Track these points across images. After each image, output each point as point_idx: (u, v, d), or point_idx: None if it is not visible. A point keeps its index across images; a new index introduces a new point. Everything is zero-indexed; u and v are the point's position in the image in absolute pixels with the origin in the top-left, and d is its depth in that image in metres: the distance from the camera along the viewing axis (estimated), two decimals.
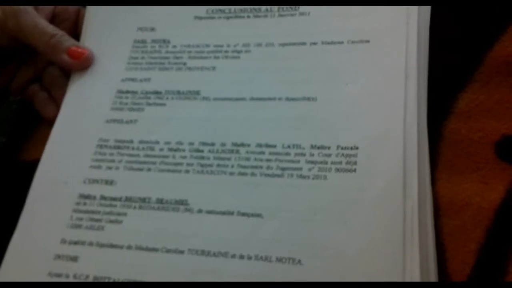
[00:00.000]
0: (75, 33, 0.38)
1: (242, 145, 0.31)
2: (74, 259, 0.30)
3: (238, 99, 0.33)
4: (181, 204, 0.30)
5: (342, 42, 0.33)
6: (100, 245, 0.30)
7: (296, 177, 0.29)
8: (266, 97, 0.32)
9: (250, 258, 0.28)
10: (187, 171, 0.31)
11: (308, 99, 0.31)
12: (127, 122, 0.34)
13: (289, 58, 0.33)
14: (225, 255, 0.28)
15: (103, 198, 0.31)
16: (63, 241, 0.30)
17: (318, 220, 0.28)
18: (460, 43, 0.32)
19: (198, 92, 0.34)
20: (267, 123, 0.31)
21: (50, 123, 0.35)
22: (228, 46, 0.35)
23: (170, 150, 0.32)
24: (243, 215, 0.29)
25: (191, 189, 0.30)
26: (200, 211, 0.30)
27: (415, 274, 0.25)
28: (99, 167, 0.32)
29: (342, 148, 0.29)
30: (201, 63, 0.35)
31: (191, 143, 0.32)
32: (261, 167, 0.30)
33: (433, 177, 0.28)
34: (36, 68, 0.38)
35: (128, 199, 0.31)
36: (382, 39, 0.32)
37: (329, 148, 0.29)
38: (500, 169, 0.28)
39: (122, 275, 0.29)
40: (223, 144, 0.31)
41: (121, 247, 0.29)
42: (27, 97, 0.38)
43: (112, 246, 0.30)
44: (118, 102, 0.35)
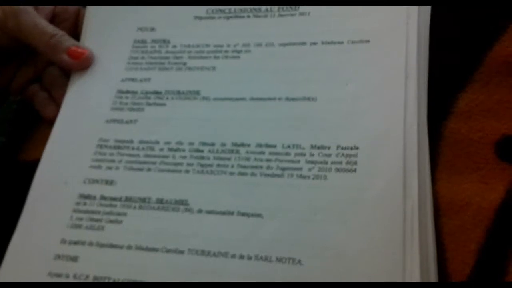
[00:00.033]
0: (75, 33, 0.38)
1: (242, 145, 0.31)
2: (74, 259, 0.30)
3: (238, 99, 0.33)
4: (181, 204, 0.30)
5: (342, 42, 0.33)
6: (100, 245, 0.30)
7: (296, 177, 0.29)
8: (266, 97, 0.32)
9: (250, 258, 0.28)
10: (187, 171, 0.31)
11: (308, 99, 0.31)
12: (127, 122, 0.34)
13: (289, 58, 0.33)
14: (225, 255, 0.28)
15: (103, 198, 0.31)
16: (63, 241, 0.30)
17: (318, 220, 0.28)
18: (460, 43, 0.32)
19: (198, 92, 0.34)
20: (267, 123, 0.31)
21: (50, 123, 0.35)
22: (228, 46, 0.35)
23: (170, 150, 0.32)
24: (243, 215, 0.29)
25: (191, 189, 0.30)
26: (200, 211, 0.30)
27: (415, 274, 0.25)
28: (99, 167, 0.32)
29: (342, 148, 0.29)
30: (201, 63, 0.35)
31: (191, 143, 0.32)
32: (261, 167, 0.30)
33: (433, 177, 0.28)
34: (36, 68, 0.38)
35: (128, 199, 0.31)
36: (382, 39, 0.32)
37: (329, 148, 0.29)
38: (500, 169, 0.28)
39: (122, 275, 0.29)
40: (223, 144, 0.31)
41: (121, 247, 0.29)
42: (27, 97, 0.38)
43: (112, 246, 0.30)
44: (118, 102, 0.35)
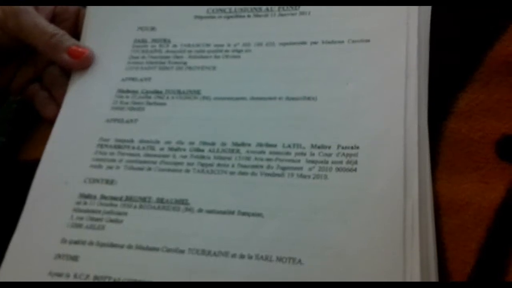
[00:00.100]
0: (75, 33, 0.38)
1: (243, 144, 0.31)
2: (75, 258, 0.30)
3: (238, 99, 0.33)
4: (181, 203, 0.30)
5: (342, 42, 0.33)
6: (101, 244, 0.30)
7: (296, 176, 0.29)
8: (267, 96, 0.32)
9: (250, 257, 0.28)
10: (188, 171, 0.31)
11: (309, 98, 0.31)
12: (127, 122, 0.34)
13: (289, 58, 0.33)
14: (225, 254, 0.28)
15: (104, 197, 0.31)
16: (63, 240, 0.30)
17: (318, 220, 0.28)
18: (460, 43, 0.32)
19: (198, 92, 0.34)
20: (268, 122, 0.31)
21: (50, 123, 0.35)
22: (228, 45, 0.35)
23: (171, 149, 0.32)
24: (244, 214, 0.29)
25: (192, 188, 0.30)
26: (200, 211, 0.30)
27: (415, 274, 0.25)
28: (100, 167, 0.32)
29: (343, 148, 0.29)
30: (201, 62, 0.35)
31: (192, 143, 0.32)
32: (261, 167, 0.30)
33: (433, 176, 0.28)
34: (36, 68, 0.38)
35: (128, 198, 0.31)
36: (382, 39, 0.32)
37: (329, 147, 0.29)
38: (501, 168, 0.28)
39: (122, 274, 0.29)
40: (224, 144, 0.31)
41: (121, 246, 0.29)
42: (27, 97, 0.38)
43: (113, 245, 0.30)
44: (119, 101, 0.35)
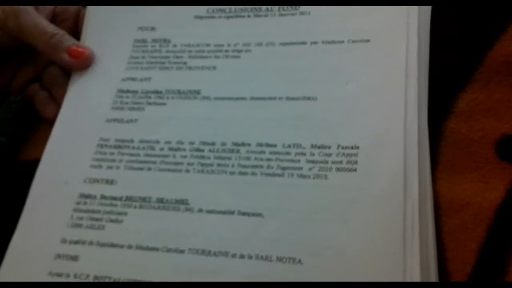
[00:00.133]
0: (75, 33, 0.38)
1: (243, 144, 0.31)
2: (75, 258, 0.30)
3: (238, 99, 0.33)
4: (181, 203, 0.30)
5: (342, 42, 0.33)
6: (101, 244, 0.30)
7: (296, 176, 0.29)
8: (267, 96, 0.32)
9: (250, 257, 0.28)
10: (188, 171, 0.31)
11: (309, 98, 0.31)
12: (127, 122, 0.34)
13: (289, 58, 0.33)
14: (225, 254, 0.28)
15: (104, 197, 0.31)
16: (63, 240, 0.30)
17: (318, 220, 0.28)
18: (460, 43, 0.32)
19: (198, 92, 0.34)
20: (268, 122, 0.31)
21: (50, 123, 0.35)
22: (228, 45, 0.35)
23: (171, 149, 0.32)
24: (244, 214, 0.29)
25: (192, 188, 0.30)
26: (200, 211, 0.30)
27: (415, 274, 0.25)
28: (100, 167, 0.32)
29: (343, 148, 0.29)
30: (201, 62, 0.35)
31: (192, 143, 0.32)
32: (261, 167, 0.30)
33: (433, 176, 0.28)
34: (36, 68, 0.38)
35: (128, 198, 0.31)
36: (382, 39, 0.32)
37: (329, 147, 0.29)
38: (501, 168, 0.28)
39: (122, 274, 0.28)
40: (224, 144, 0.31)
41: (121, 246, 0.29)
42: (27, 97, 0.38)
43: (113, 245, 0.30)
44: (119, 101, 0.35)
